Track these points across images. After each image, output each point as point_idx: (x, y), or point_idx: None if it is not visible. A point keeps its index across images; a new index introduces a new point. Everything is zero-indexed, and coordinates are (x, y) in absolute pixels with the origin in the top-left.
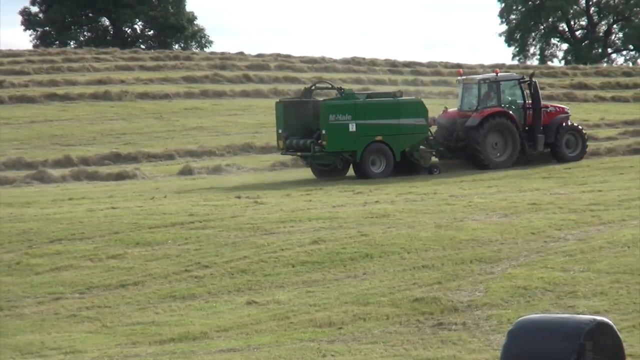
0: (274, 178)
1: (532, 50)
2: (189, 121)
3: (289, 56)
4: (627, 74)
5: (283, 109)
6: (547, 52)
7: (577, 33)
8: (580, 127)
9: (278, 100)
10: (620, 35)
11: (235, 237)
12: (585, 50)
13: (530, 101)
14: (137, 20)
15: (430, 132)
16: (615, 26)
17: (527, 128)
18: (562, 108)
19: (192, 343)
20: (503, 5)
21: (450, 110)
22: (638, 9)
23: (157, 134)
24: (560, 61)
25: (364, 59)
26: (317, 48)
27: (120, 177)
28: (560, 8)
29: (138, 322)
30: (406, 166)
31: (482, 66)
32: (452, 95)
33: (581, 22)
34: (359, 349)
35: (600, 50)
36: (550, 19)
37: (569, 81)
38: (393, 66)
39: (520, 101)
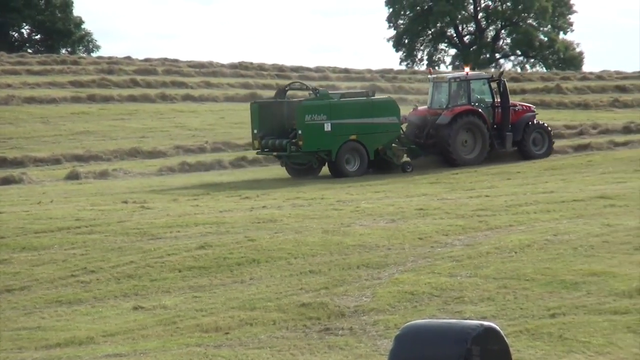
0: (160, 183)
1: (420, 55)
2: (75, 125)
3: (176, 61)
4: (514, 79)
5: (258, 109)
6: (435, 57)
7: (465, 38)
8: (546, 125)
9: (253, 101)
10: (508, 40)
11: (122, 242)
12: (474, 56)
13: (498, 100)
14: (24, 24)
15: (402, 130)
16: (503, 31)
17: (495, 126)
18: (529, 107)
19: (79, 348)
20: (391, 10)
21: (420, 108)
22: (526, 14)
23: (44, 138)
24: (448, 66)
25: (251, 63)
26: (205, 53)
27: (6, 181)
28: (449, 13)
29: (24, 327)
30: (380, 164)
31: (369, 71)
32: None
33: (469, 28)
34: (245, 354)
35: (488, 56)
36: (438, 24)
37: None
38: (281, 71)
39: (489, 100)
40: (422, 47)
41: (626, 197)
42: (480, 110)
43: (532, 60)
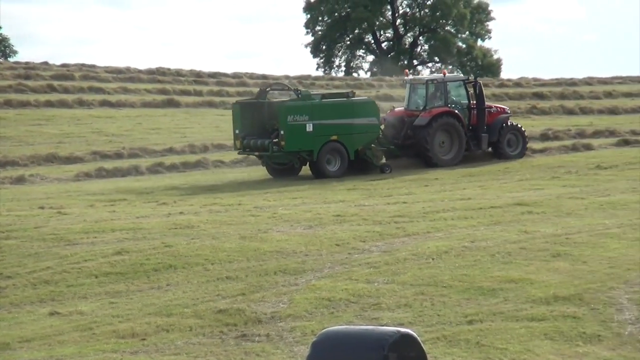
0: (77, 188)
1: (337, 61)
2: None
3: (93, 66)
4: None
5: (240, 110)
6: (352, 64)
7: (383, 45)
8: (520, 126)
9: (235, 101)
10: (426, 47)
11: (39, 248)
12: (391, 62)
13: (474, 101)
14: None
15: (381, 131)
16: (421, 38)
17: (471, 127)
18: (503, 108)
19: None
20: (309, 16)
21: (397, 109)
22: (444, 21)
23: None
24: (366, 72)
25: (169, 69)
26: (122, 58)
27: None
28: (367, 20)
29: None
30: (359, 165)
31: (287, 77)
32: None
33: (387, 34)
34: None
35: (406, 62)
36: (356, 31)
37: (375, 92)
38: (198, 77)
39: (465, 101)
40: (340, 54)
41: (543, 204)
42: (457, 111)
43: (450, 67)
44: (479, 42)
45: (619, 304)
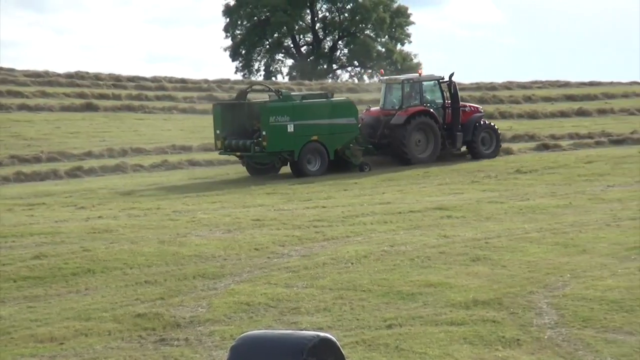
0: None
1: (257, 65)
2: None
3: (12, 70)
4: (352, 90)
5: (220, 110)
6: (272, 68)
7: (303, 49)
8: (494, 125)
9: (215, 102)
10: (346, 51)
11: None
12: (311, 66)
13: (449, 101)
14: None
15: (360, 130)
16: (340, 42)
17: (445, 126)
18: (477, 107)
19: None
20: (228, 20)
21: (373, 109)
22: (363, 25)
23: None
24: (285, 77)
25: (87, 73)
26: (41, 62)
27: None
28: (286, 24)
29: None
30: (339, 164)
31: (206, 81)
32: (177, 110)
33: (307, 38)
34: None
35: (325, 67)
36: (275, 35)
37: None
38: (117, 81)
39: (439, 101)
40: (259, 58)
41: (463, 208)
42: (432, 110)
43: (370, 71)
44: (399, 47)
45: (538, 308)
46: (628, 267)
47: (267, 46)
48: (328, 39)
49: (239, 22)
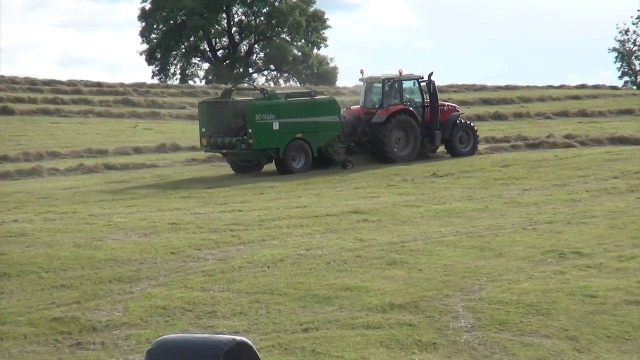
0: None
1: (173, 69)
2: None
3: None
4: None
5: (206, 109)
6: (188, 72)
7: (219, 53)
8: (472, 124)
9: (201, 100)
10: (262, 55)
11: None
12: (227, 70)
13: (428, 100)
14: None
15: (343, 128)
16: (256, 46)
17: (424, 125)
18: (454, 106)
19: None
20: (144, 24)
21: (353, 107)
22: (279, 29)
23: None
24: (201, 80)
25: (3, 76)
26: None
27: None
28: (202, 28)
29: None
30: (323, 161)
31: (122, 85)
32: (92, 114)
33: (223, 42)
34: None
35: (241, 70)
36: (191, 39)
37: None
38: (33, 84)
39: (419, 99)
40: (175, 62)
41: (379, 212)
42: (412, 109)
43: (286, 74)
44: (315, 50)
45: (454, 311)
46: (544, 270)
47: (183, 50)
48: (244, 42)
49: (155, 26)
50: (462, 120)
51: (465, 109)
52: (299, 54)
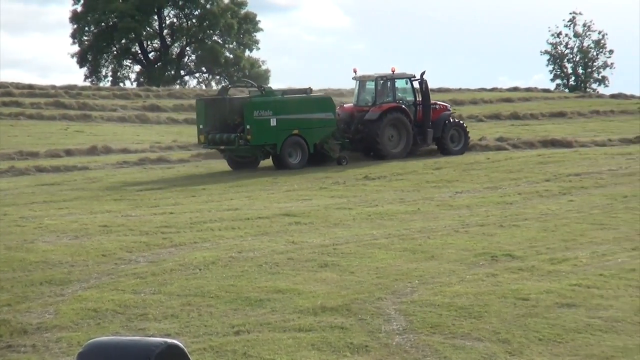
0: None
1: (104, 71)
2: None
3: None
4: (199, 96)
5: (204, 106)
6: (119, 74)
7: (151, 55)
8: (463, 123)
9: (199, 98)
10: (193, 57)
11: None
12: (158, 72)
13: (420, 98)
14: None
15: (338, 125)
16: (188, 48)
17: (416, 123)
18: (446, 106)
19: None
20: (76, 26)
21: (346, 105)
22: (211, 31)
23: None
24: (132, 83)
25: None
26: None
27: None
28: (133, 30)
29: None
30: (318, 157)
31: (54, 87)
32: (24, 116)
33: (154, 44)
34: None
35: (173, 73)
36: (123, 41)
37: (142, 103)
38: None
39: (411, 98)
40: (106, 64)
41: (311, 214)
42: (404, 107)
43: (218, 77)
44: (247, 53)
45: (386, 314)
46: (476, 273)
47: (115, 52)
48: (176, 45)
49: (87, 28)
50: (454, 119)
51: None
52: (231, 56)
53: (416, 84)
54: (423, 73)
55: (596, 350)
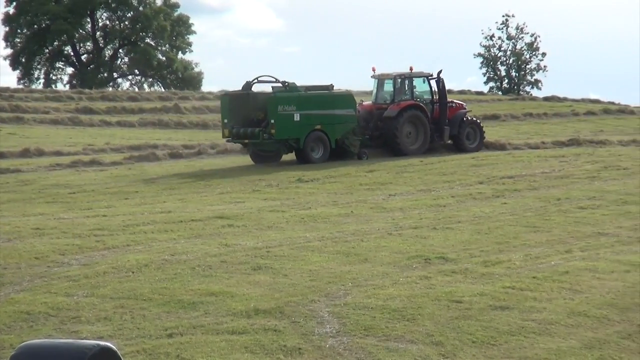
0: None
1: (37, 74)
2: None
3: None
4: (132, 98)
5: (228, 101)
6: (52, 76)
7: (83, 57)
8: (478, 121)
9: (224, 93)
10: (126, 59)
11: None
12: (91, 75)
13: (437, 96)
14: None
15: (358, 121)
16: (121, 50)
17: (433, 120)
18: (462, 104)
19: None
20: (8, 28)
21: (365, 103)
22: (144, 34)
23: None
24: (65, 85)
25: None
26: None
27: None
28: (66, 32)
29: None
30: (339, 152)
31: None
32: None
33: (87, 47)
34: None
35: (106, 75)
36: (55, 43)
37: (75, 105)
38: None
39: (428, 96)
40: (39, 66)
41: (244, 217)
42: (422, 105)
43: (151, 79)
44: (180, 55)
45: (319, 317)
46: (409, 275)
47: (47, 54)
48: (109, 47)
49: (19, 30)
50: (470, 117)
51: None
52: (164, 58)
53: (433, 83)
54: (440, 72)
55: (529, 352)
